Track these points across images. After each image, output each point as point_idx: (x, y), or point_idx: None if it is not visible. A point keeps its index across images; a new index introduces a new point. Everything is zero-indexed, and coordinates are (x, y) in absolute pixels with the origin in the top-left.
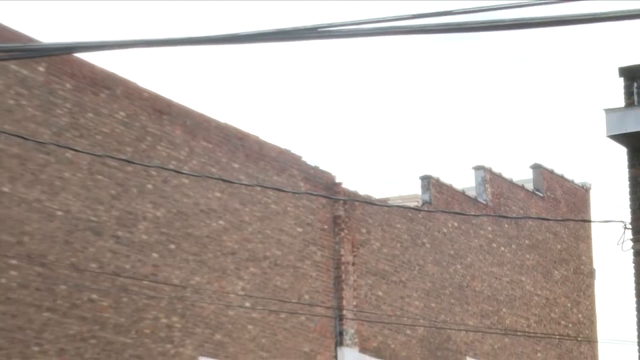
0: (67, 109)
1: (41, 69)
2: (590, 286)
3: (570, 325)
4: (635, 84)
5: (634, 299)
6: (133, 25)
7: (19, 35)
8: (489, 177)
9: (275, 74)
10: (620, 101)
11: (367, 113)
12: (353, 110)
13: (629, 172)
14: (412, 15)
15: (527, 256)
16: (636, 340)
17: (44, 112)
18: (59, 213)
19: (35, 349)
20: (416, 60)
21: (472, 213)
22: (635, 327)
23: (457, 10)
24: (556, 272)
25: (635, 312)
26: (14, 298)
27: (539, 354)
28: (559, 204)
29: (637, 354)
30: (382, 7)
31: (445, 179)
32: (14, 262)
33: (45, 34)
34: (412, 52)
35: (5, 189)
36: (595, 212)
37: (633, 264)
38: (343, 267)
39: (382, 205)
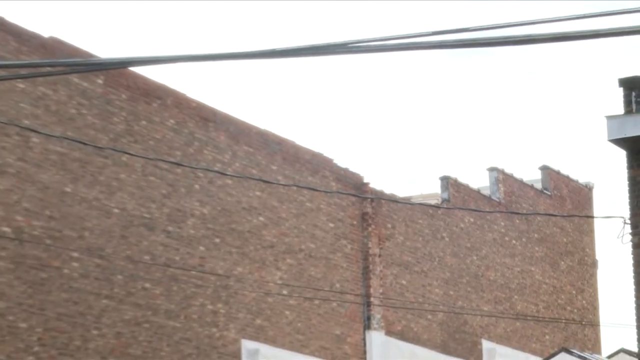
0: (122, 117)
1: (100, 81)
2: (593, 275)
3: (575, 310)
4: (633, 93)
5: (633, 287)
6: (182, 39)
7: (79, 51)
8: (501, 178)
9: (309, 85)
10: (619, 109)
11: (392, 119)
12: (380, 116)
13: (628, 172)
14: (432, 32)
15: (536, 248)
16: (635, 324)
17: (102, 120)
18: (116, 210)
19: (95, 332)
20: (435, 71)
21: (487, 210)
22: (634, 312)
23: (472, 28)
24: (562, 262)
25: (634, 299)
26: (76, 287)
27: (547, 337)
28: (565, 202)
29: (636, 336)
30: (405, 24)
31: (462, 179)
32: (75, 254)
33: (103, 49)
34: (432, 64)
35: (68, 189)
36: (598, 208)
37: (632, 255)
38: (370, 259)
39: (406, 202)
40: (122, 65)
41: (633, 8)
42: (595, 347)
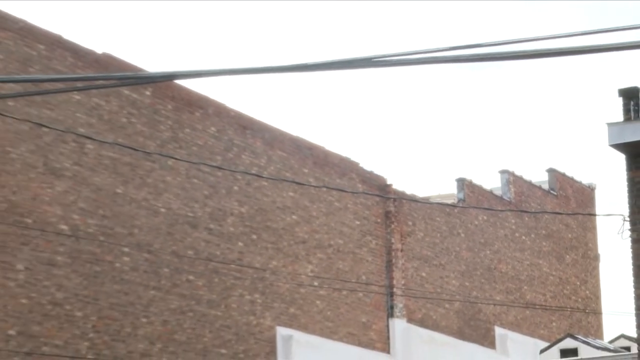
0: (168, 125)
1: (148, 93)
2: (595, 268)
3: (579, 299)
4: (632, 102)
5: (632, 278)
6: (222, 52)
7: (129, 65)
8: (512, 179)
9: (338, 95)
10: (619, 116)
11: (413, 126)
12: (401, 123)
13: (627, 174)
14: (448, 47)
15: (544, 243)
16: (634, 312)
17: (150, 127)
18: (162, 210)
19: (144, 320)
20: (451, 83)
21: (499, 208)
22: (633, 301)
23: (484, 44)
24: (567, 256)
25: (633, 289)
26: (126, 279)
27: (554, 324)
28: (570, 201)
29: (635, 323)
30: (424, 40)
31: (476, 180)
32: (126, 249)
33: (151, 63)
34: (448, 76)
35: (119, 191)
36: (599, 207)
37: (631, 250)
38: (393, 253)
39: (425, 202)
40: (168, 78)
41: (630, 25)
42: (598, 333)
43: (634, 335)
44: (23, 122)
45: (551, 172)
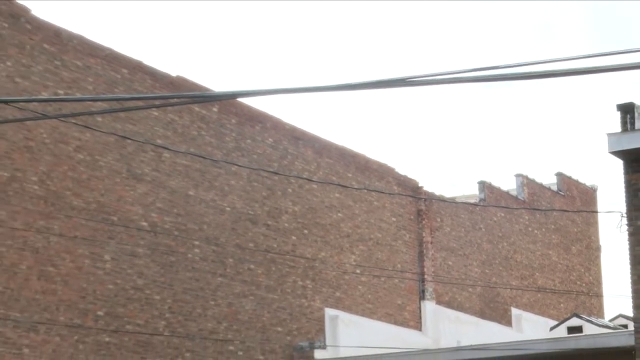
0: (232, 137)
1: (215, 109)
2: (597, 257)
3: (583, 284)
4: (628, 116)
5: (629, 266)
6: (277, 72)
7: (199, 86)
8: (525, 182)
9: (376, 108)
10: (617, 127)
11: (441, 136)
12: (431, 134)
13: (625, 177)
14: (470, 69)
15: (553, 236)
16: (631, 295)
17: (217, 139)
18: (227, 209)
19: (212, 302)
20: (472, 99)
21: (514, 207)
22: (630, 285)
23: (501, 66)
24: (573, 247)
25: (629, 275)
26: (197, 267)
27: (562, 305)
28: (575, 200)
29: (632, 304)
30: (449, 60)
31: (495, 183)
32: (197, 242)
33: (217, 83)
34: (470, 94)
35: (191, 193)
36: (601, 205)
37: (628, 242)
38: (424, 245)
39: (451, 202)
40: (231, 97)
41: (628, 49)
42: (600, 313)
43: (631, 314)
44: (109, 135)
45: (559, 175)
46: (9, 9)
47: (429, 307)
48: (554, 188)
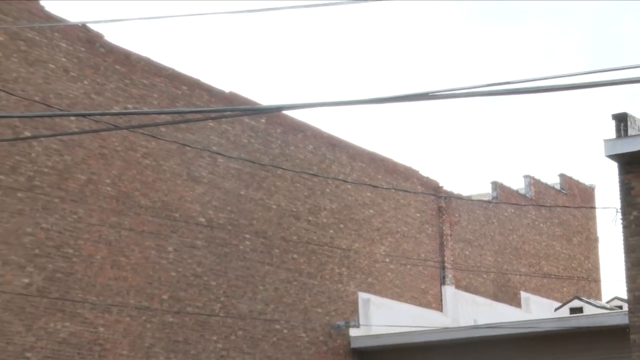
0: (278, 144)
1: (263, 120)
2: (595, 247)
3: (583, 271)
4: (621, 124)
5: (623, 255)
6: (318, 86)
7: (249, 100)
8: (532, 182)
9: (404, 119)
10: (612, 134)
11: (459, 141)
12: (450, 140)
13: (619, 177)
14: (485, 84)
15: (556, 229)
16: (625, 280)
17: (264, 146)
18: (274, 206)
19: (261, 287)
20: (486, 109)
21: (523, 204)
22: (624, 271)
23: (512, 81)
24: (574, 239)
25: (624, 262)
26: (248, 257)
27: (564, 289)
28: (576, 197)
29: (626, 287)
30: (465, 79)
31: (506, 183)
32: (247, 236)
33: (264, 97)
34: (485, 104)
35: (242, 193)
36: (598, 202)
37: (622, 234)
38: (444, 237)
39: (468, 200)
40: (277, 110)
41: (621, 67)
42: (598, 296)
43: (625, 297)
44: (172, 143)
45: (562, 176)
46: (85, 35)
47: (449, 291)
48: (557, 187)
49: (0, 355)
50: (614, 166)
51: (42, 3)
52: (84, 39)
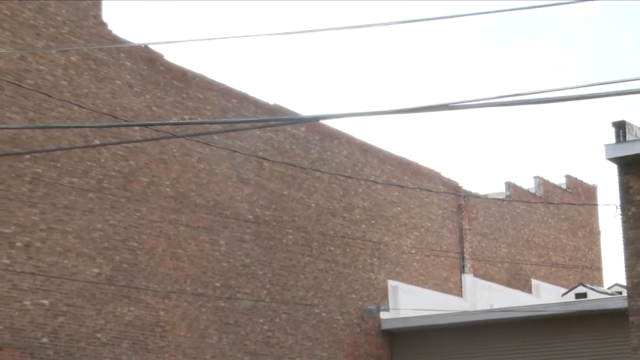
0: (316, 150)
1: (302, 129)
2: (598, 239)
3: (587, 260)
4: (620, 131)
5: (622, 246)
6: (354, 96)
7: (291, 111)
8: (541, 182)
9: (427, 126)
10: (612, 139)
11: (477, 146)
12: (469, 145)
13: (619, 178)
14: (497, 96)
15: (563, 224)
16: (624, 268)
17: (304, 151)
18: (313, 205)
19: (302, 276)
20: (499, 116)
21: (533, 201)
22: (623, 261)
23: (523, 93)
24: (579, 232)
25: (623, 253)
26: (290, 249)
27: (570, 276)
28: (580, 196)
29: (625, 275)
30: (480, 90)
31: (518, 183)
32: (290, 231)
33: (304, 107)
34: (497, 113)
35: (285, 193)
36: (600, 199)
37: (621, 228)
38: (463, 231)
39: (484, 198)
40: (316, 119)
41: (620, 79)
42: (600, 282)
43: (624, 283)
44: (223, 149)
45: (567, 176)
46: (147, 55)
47: (468, 279)
48: (564, 186)
49: (75, 335)
50: (614, 168)
51: (109, 27)
52: (146, 58)
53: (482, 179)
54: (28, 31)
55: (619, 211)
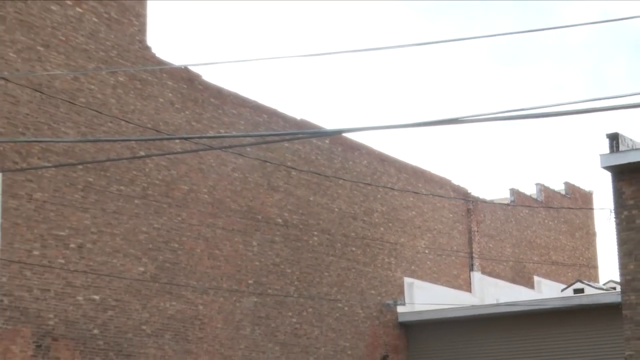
0: (339, 160)
1: (327, 141)
2: (594, 240)
3: (584, 259)
4: (614, 142)
5: (616, 246)
6: (376, 110)
7: (315, 125)
8: (542, 188)
9: (439, 137)
10: (607, 150)
11: (484, 157)
12: (477, 155)
13: (612, 184)
14: (505, 111)
15: (562, 226)
16: (618, 266)
17: (328, 161)
18: (336, 209)
19: (326, 274)
20: (504, 129)
21: (535, 206)
22: (617, 259)
23: (526, 108)
24: (577, 233)
25: (617, 252)
26: (316, 250)
27: (569, 273)
28: (578, 201)
29: (619, 272)
30: (488, 106)
31: (521, 189)
32: (315, 233)
33: (327, 121)
34: (503, 127)
35: (311, 198)
36: (596, 204)
37: (615, 229)
38: (472, 233)
39: (490, 203)
40: (338, 133)
41: (614, 95)
42: (596, 279)
43: (618, 280)
44: (255, 159)
45: (566, 183)
46: (187, 75)
47: (476, 276)
48: (563, 192)
49: (122, 328)
50: (608, 175)
51: (153, 51)
52: (186, 78)
53: (489, 185)
54: (81, 55)
55: (613, 215)
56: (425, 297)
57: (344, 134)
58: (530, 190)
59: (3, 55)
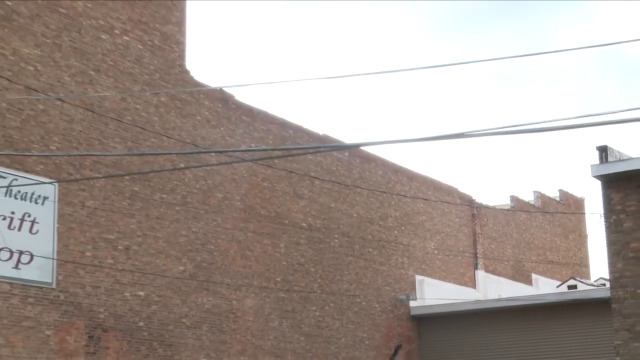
0: (357, 170)
1: (346, 153)
2: (585, 241)
3: (577, 259)
4: (603, 154)
5: (606, 247)
6: (388, 124)
7: (336, 139)
8: (539, 195)
9: (447, 150)
10: (597, 160)
11: (488, 167)
12: (481, 165)
13: (602, 192)
14: (508, 126)
15: (557, 229)
16: (607, 265)
17: (347, 171)
18: (355, 215)
19: (345, 272)
20: (504, 142)
21: (532, 211)
22: (606, 259)
23: (526, 123)
24: (570, 235)
25: (606, 252)
26: (337, 251)
27: (563, 271)
28: (571, 206)
29: (608, 270)
30: (490, 122)
31: (520, 196)
32: (336, 236)
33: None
34: (503, 140)
35: (332, 205)
36: (587, 209)
37: (605, 232)
38: (476, 235)
39: (493, 209)
40: (356, 146)
41: (604, 112)
42: (587, 276)
43: (607, 277)
44: (282, 170)
45: (561, 191)
46: (221, 96)
47: (480, 274)
48: (557, 199)
49: (164, 320)
50: (598, 184)
51: (191, 74)
52: (221, 99)
53: (491, 193)
54: (127, 78)
55: (602, 219)
56: (434, 293)
57: (362, 147)
58: (528, 197)
59: (59, 78)
